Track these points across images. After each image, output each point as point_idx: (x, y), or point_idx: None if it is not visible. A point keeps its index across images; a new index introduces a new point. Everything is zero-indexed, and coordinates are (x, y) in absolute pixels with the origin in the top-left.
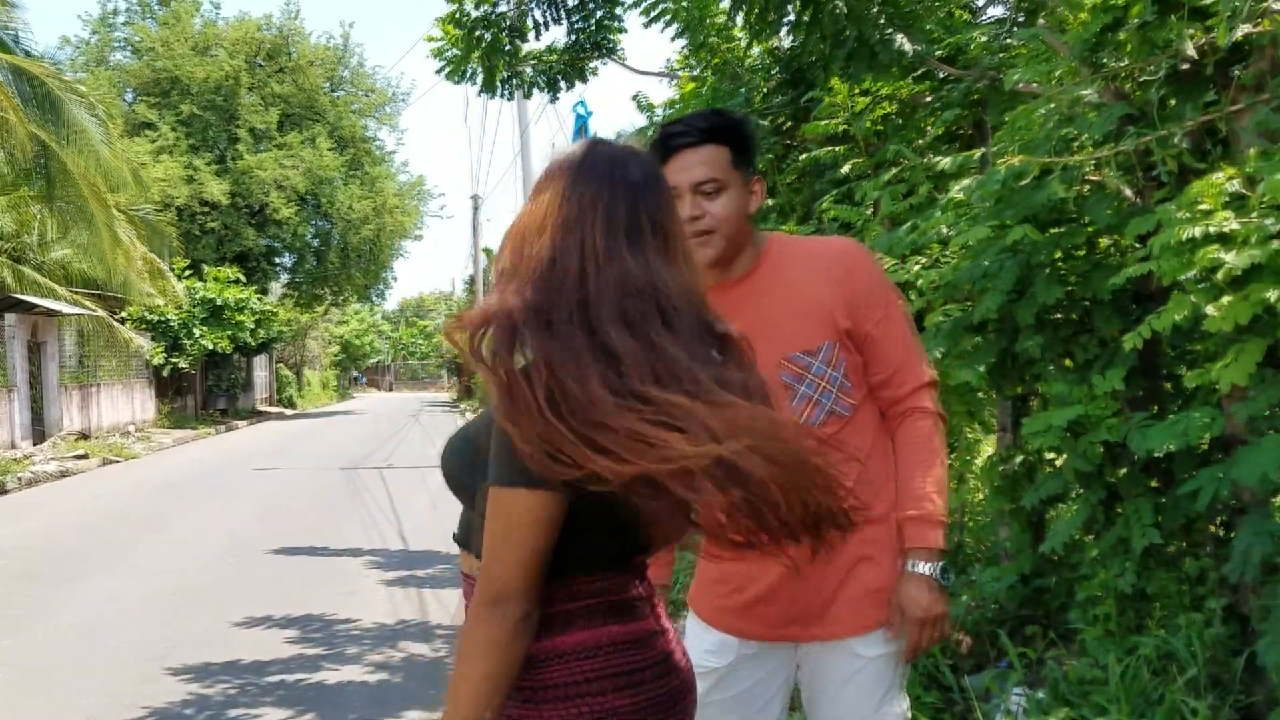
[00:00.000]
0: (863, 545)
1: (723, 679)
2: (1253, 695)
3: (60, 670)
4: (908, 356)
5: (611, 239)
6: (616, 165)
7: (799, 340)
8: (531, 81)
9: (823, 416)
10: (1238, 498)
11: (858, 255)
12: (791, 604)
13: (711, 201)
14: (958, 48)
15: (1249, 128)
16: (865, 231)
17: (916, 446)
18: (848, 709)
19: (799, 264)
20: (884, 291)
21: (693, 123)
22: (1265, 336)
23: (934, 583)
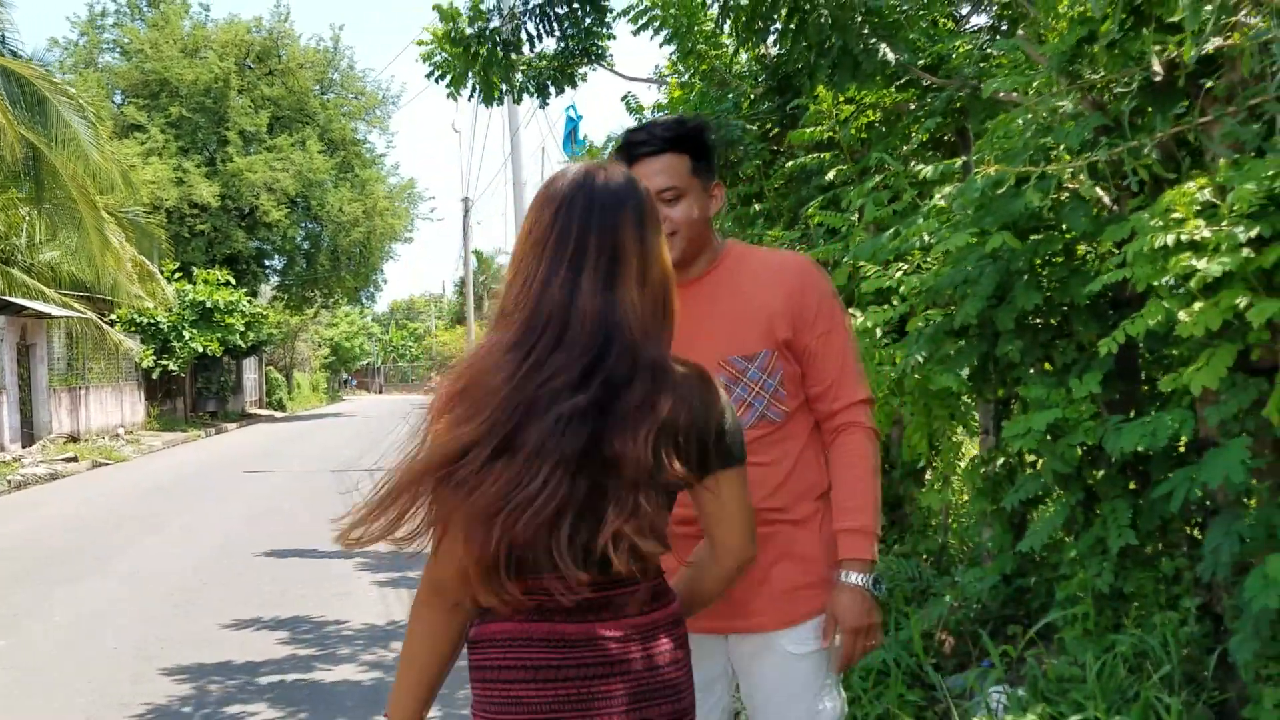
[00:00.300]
0: (786, 544)
1: None
2: (1225, 692)
3: (56, 671)
4: (844, 374)
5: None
6: (576, 191)
7: (739, 344)
8: (522, 86)
9: (753, 419)
10: (1211, 499)
11: (811, 272)
12: (720, 599)
13: (672, 207)
14: (940, 57)
15: (1217, 139)
16: (850, 237)
17: (851, 461)
18: (782, 703)
19: (753, 273)
20: (830, 310)
21: (654, 132)
22: (1235, 342)
23: (866, 593)
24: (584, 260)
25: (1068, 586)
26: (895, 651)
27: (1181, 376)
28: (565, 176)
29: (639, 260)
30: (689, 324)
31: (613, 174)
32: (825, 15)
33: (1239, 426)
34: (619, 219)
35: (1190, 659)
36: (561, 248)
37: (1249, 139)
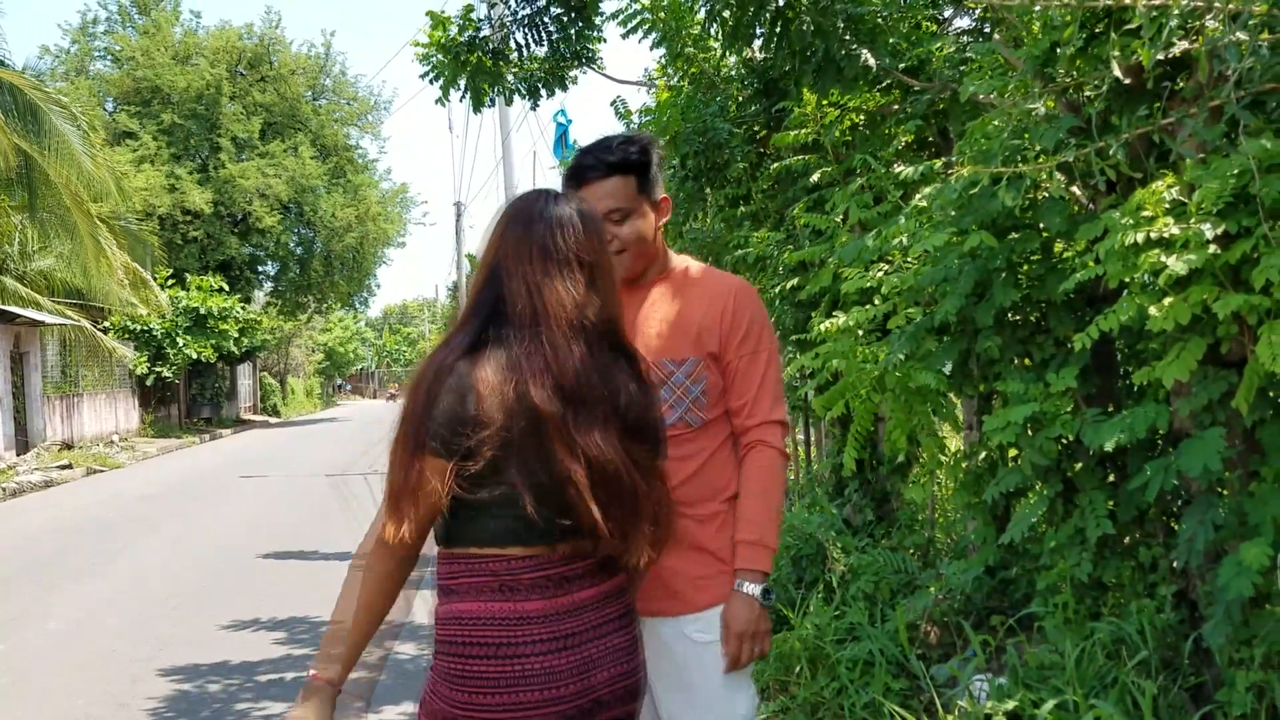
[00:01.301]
0: (689, 537)
1: None
2: (1201, 676)
3: (54, 673)
4: (762, 393)
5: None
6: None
7: (669, 349)
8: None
9: (674, 420)
10: (1186, 489)
11: (746, 295)
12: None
13: (620, 227)
14: (921, 60)
15: (1180, 140)
16: (835, 238)
17: (758, 476)
18: (695, 691)
19: (695, 287)
20: (758, 333)
21: (600, 156)
22: (1205, 335)
23: (756, 602)
24: (568, 269)
25: (1048, 576)
26: (881, 642)
27: (1154, 370)
28: (524, 198)
29: (608, 272)
30: (632, 324)
31: (563, 198)
32: (808, 22)
33: (1210, 418)
34: (580, 230)
35: (1167, 645)
36: (545, 257)
37: (1211, 139)
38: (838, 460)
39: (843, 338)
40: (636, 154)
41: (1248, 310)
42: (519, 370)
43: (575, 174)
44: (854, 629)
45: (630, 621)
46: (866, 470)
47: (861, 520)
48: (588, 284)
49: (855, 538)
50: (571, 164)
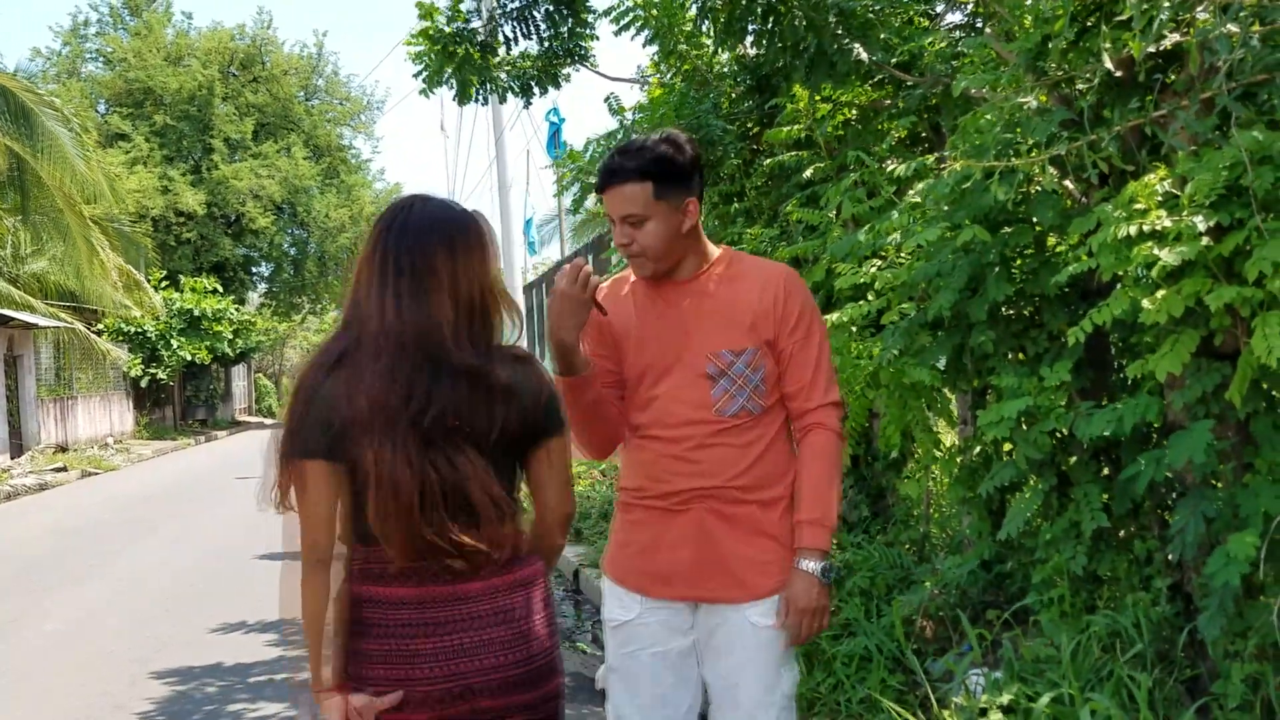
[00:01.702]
0: (754, 523)
1: (633, 632)
2: (1196, 668)
3: (51, 675)
4: (817, 377)
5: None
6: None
7: (728, 340)
8: (505, 87)
9: (736, 409)
10: (1180, 481)
11: (795, 281)
12: (693, 568)
13: (638, 230)
14: (913, 54)
15: (1171, 132)
16: (828, 233)
17: (817, 458)
18: (750, 671)
19: (744, 277)
20: (809, 318)
21: (622, 163)
22: (1198, 328)
23: (817, 579)
24: (400, 279)
25: (1043, 570)
26: (877, 638)
27: (1148, 363)
28: (393, 206)
29: (449, 279)
30: (681, 319)
31: (433, 205)
32: (800, 17)
33: (1204, 410)
34: (429, 244)
35: (1162, 637)
36: (383, 268)
37: (1204, 131)
38: None
39: (837, 333)
40: (653, 159)
41: (1240, 302)
42: (347, 383)
43: (601, 179)
44: (850, 625)
45: (523, 616)
46: (861, 466)
47: (857, 516)
48: (413, 293)
49: (850, 534)
50: (599, 171)
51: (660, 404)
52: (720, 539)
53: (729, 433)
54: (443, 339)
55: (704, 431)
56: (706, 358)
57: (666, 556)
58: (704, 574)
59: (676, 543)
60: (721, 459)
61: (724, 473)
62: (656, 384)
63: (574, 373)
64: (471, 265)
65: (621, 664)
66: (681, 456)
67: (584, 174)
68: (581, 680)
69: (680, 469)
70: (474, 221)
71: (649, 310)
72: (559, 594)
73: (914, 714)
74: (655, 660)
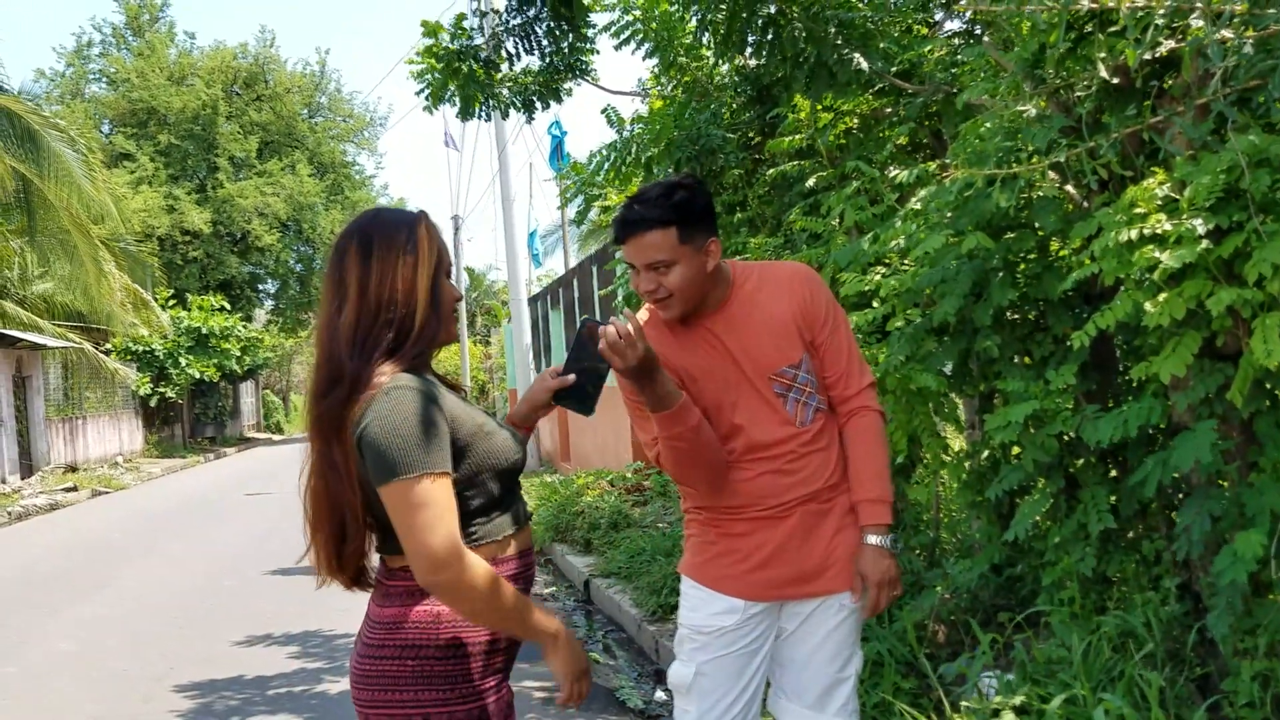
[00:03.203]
0: (842, 515)
1: (734, 638)
2: (1206, 667)
3: (64, 694)
4: (851, 362)
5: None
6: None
7: (783, 356)
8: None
9: (811, 415)
10: (1186, 481)
11: (813, 278)
12: (790, 568)
13: (665, 276)
14: (913, 63)
15: (1168, 138)
16: (831, 241)
17: (867, 439)
18: (829, 652)
19: (765, 288)
20: (833, 309)
21: (643, 213)
22: (1200, 330)
23: (888, 551)
24: (328, 294)
25: (1053, 572)
26: (889, 642)
27: (1151, 365)
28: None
29: (358, 283)
30: (730, 350)
31: (362, 214)
32: (799, 28)
33: (1207, 410)
34: (344, 251)
35: (1172, 637)
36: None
37: (1199, 137)
38: None
39: None
40: (675, 208)
41: (1241, 304)
42: None
43: (620, 229)
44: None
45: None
46: None
47: None
48: (339, 305)
49: None
50: (616, 217)
51: (747, 431)
52: (825, 535)
53: (815, 438)
54: (340, 349)
55: (796, 444)
56: (770, 379)
57: (765, 561)
58: (804, 572)
59: (784, 547)
60: (817, 464)
61: (821, 476)
62: (734, 413)
63: (668, 405)
64: (386, 268)
65: (711, 667)
66: (782, 470)
67: (588, 185)
68: (595, 690)
69: (784, 481)
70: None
71: (695, 347)
72: (570, 604)
73: (928, 717)
74: (737, 658)
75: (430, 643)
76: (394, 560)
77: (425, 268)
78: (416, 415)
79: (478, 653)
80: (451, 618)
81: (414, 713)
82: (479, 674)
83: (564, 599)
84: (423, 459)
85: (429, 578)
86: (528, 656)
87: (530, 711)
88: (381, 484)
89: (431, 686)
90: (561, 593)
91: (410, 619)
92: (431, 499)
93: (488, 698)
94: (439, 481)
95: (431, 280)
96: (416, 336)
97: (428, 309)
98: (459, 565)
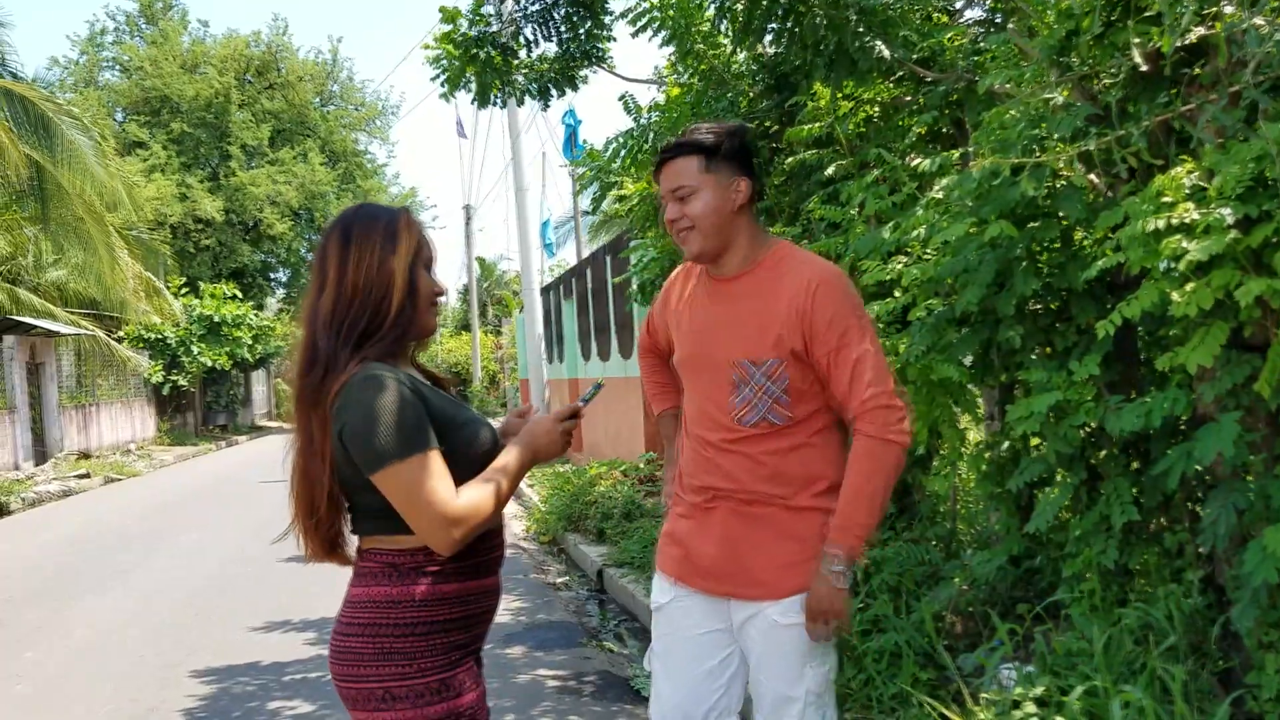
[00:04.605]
0: (781, 526)
1: (676, 618)
2: (1229, 660)
3: (81, 681)
4: (855, 386)
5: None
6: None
7: (753, 349)
8: (524, 89)
9: (755, 420)
10: (1211, 473)
11: (825, 290)
12: (720, 565)
13: (686, 204)
14: (934, 51)
15: (1200, 125)
16: (850, 230)
17: (853, 467)
18: (772, 667)
19: (779, 283)
20: (841, 325)
21: (677, 139)
22: (1228, 320)
23: (833, 579)
24: (312, 279)
25: (1074, 564)
26: (908, 633)
27: (1177, 356)
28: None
29: (336, 269)
30: (711, 320)
31: (348, 208)
32: (820, 15)
33: (1234, 402)
34: (326, 240)
35: (1194, 630)
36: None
37: (1231, 124)
38: None
39: None
40: (705, 135)
41: (1270, 294)
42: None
43: (657, 161)
44: (879, 620)
45: (352, 631)
46: None
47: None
48: (320, 290)
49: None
50: (658, 153)
51: (697, 402)
52: (740, 539)
53: (746, 442)
54: (316, 331)
55: (723, 438)
56: (732, 364)
57: (698, 551)
58: (732, 572)
59: (706, 539)
60: (737, 466)
61: (741, 478)
62: (695, 377)
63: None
64: (364, 258)
65: (662, 646)
66: (706, 456)
67: (604, 173)
68: (610, 679)
69: (704, 466)
70: (370, 216)
71: (698, 303)
72: (583, 594)
73: (947, 708)
74: (691, 642)
75: (388, 621)
76: (364, 541)
77: (403, 258)
78: (394, 401)
79: (436, 630)
80: (409, 598)
81: (375, 686)
82: (439, 650)
83: (577, 588)
84: (407, 442)
85: (447, 543)
86: (542, 645)
87: (545, 699)
88: (373, 472)
89: (391, 662)
90: (575, 582)
91: (372, 599)
92: (423, 476)
93: (448, 672)
94: (428, 457)
95: (409, 270)
96: (392, 323)
97: (403, 297)
98: (468, 517)
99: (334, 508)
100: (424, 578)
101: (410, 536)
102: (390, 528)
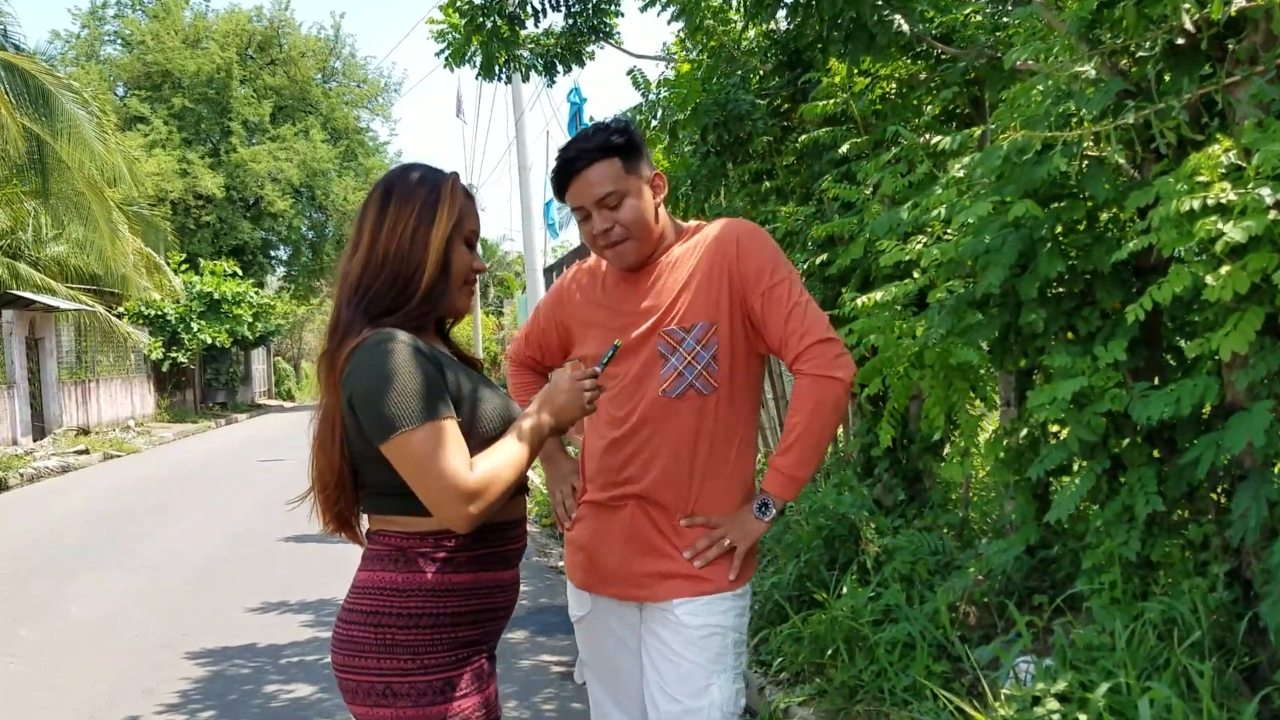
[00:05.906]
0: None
1: (588, 627)
2: (1256, 657)
3: (78, 660)
4: (791, 324)
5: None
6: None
7: (679, 316)
8: (529, 65)
9: (682, 389)
10: (1239, 464)
11: (746, 237)
12: (623, 567)
13: (618, 211)
14: (952, 27)
15: (1244, 100)
16: (865, 210)
17: (795, 407)
18: (672, 674)
19: (698, 246)
20: (771, 266)
21: (581, 146)
22: (1264, 305)
23: (761, 516)
24: (351, 240)
25: (1094, 555)
26: (921, 624)
27: (1209, 341)
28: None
29: (370, 233)
30: (636, 302)
31: (396, 166)
32: None
33: (1267, 390)
34: (369, 199)
35: (1220, 625)
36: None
37: (1276, 99)
38: (866, 440)
39: (880, 312)
40: (616, 135)
41: None
42: None
43: (561, 171)
44: (891, 610)
45: (354, 617)
46: (897, 449)
47: (893, 500)
48: (353, 252)
49: (887, 518)
50: (554, 169)
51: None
52: (650, 535)
53: (674, 408)
54: (341, 295)
55: (654, 411)
56: (658, 336)
57: (600, 558)
58: (635, 575)
59: (606, 546)
60: (665, 453)
61: (664, 468)
62: (617, 365)
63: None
64: (399, 222)
65: (590, 658)
66: (627, 445)
67: None
68: None
69: (624, 454)
70: (410, 178)
71: (614, 294)
72: None
73: (963, 701)
74: (618, 652)
75: (392, 610)
76: (374, 521)
77: (441, 229)
78: (406, 365)
79: (444, 624)
80: (416, 586)
81: (376, 680)
82: (446, 645)
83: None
84: (419, 409)
85: (464, 519)
86: (545, 629)
87: (549, 686)
88: (383, 441)
89: (393, 656)
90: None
91: (377, 585)
92: (436, 446)
93: (454, 670)
94: (442, 425)
95: (445, 243)
96: (421, 299)
97: (436, 272)
98: (485, 489)
99: (341, 482)
100: (434, 565)
101: (422, 518)
102: (401, 507)
